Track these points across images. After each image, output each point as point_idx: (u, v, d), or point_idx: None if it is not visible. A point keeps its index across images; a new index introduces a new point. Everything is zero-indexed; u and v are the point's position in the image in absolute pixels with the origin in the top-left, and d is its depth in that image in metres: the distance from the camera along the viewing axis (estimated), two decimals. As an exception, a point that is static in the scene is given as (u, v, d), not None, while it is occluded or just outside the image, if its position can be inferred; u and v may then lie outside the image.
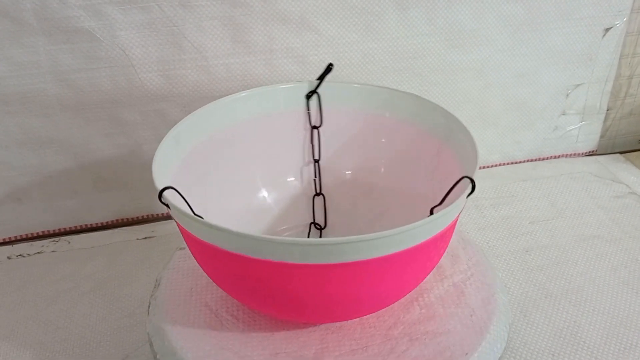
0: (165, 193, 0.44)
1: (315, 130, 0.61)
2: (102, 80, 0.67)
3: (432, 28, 0.73)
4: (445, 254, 0.52)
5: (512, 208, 0.77)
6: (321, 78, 0.58)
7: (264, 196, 0.61)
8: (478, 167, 0.45)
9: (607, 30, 0.79)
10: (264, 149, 0.61)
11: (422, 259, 0.44)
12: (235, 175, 0.59)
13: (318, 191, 0.62)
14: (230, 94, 0.70)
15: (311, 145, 0.61)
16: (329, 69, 0.58)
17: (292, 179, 0.63)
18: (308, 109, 0.59)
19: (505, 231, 0.72)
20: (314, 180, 0.62)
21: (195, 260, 0.50)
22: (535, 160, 0.88)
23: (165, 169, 0.49)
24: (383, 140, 0.61)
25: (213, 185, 0.57)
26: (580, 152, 0.89)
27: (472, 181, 0.42)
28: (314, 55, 0.71)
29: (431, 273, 0.53)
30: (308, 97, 0.59)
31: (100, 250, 0.72)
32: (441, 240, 0.44)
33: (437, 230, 0.42)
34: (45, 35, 0.63)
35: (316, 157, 0.62)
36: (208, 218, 0.44)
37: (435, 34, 0.73)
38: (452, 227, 0.45)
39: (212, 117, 0.57)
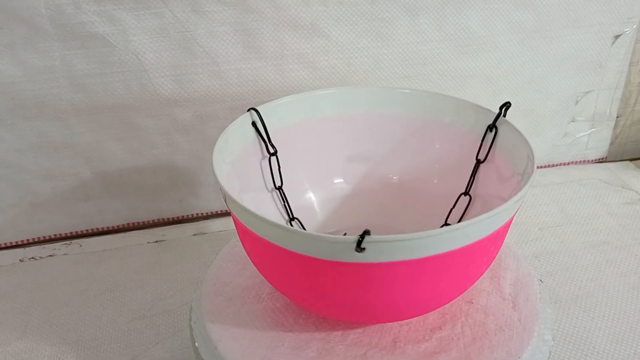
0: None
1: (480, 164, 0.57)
2: (115, 85, 0.68)
3: (441, 34, 0.73)
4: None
5: (521, 214, 0.77)
6: (498, 116, 0.54)
7: (310, 197, 0.60)
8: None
9: (616, 37, 0.79)
10: (311, 150, 0.60)
11: (476, 258, 0.44)
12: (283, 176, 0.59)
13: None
14: (242, 99, 0.71)
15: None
16: (507, 107, 0.54)
17: (340, 180, 0.62)
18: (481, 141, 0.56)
19: (515, 237, 0.72)
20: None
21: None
22: (545, 167, 0.88)
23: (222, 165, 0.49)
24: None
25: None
26: (590, 159, 0.89)
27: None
28: (324, 60, 0.72)
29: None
30: (490, 129, 0.55)
31: (111, 253, 0.73)
32: (494, 239, 0.44)
33: (487, 232, 0.42)
34: (60, 41, 0.64)
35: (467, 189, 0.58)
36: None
37: (445, 41, 0.74)
38: (507, 226, 0.46)
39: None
